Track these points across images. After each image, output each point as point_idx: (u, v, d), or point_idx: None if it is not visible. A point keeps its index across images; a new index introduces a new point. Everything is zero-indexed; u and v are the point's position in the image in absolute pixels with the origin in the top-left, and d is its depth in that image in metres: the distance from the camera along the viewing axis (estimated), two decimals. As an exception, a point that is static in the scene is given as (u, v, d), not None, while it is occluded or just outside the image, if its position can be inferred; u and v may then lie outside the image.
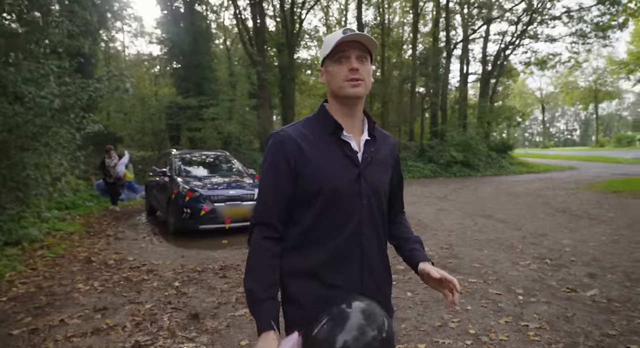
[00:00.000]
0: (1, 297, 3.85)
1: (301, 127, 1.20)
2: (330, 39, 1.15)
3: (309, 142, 1.15)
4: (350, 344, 0.92)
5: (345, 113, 1.19)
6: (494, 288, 3.78)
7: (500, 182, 14.98)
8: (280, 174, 1.14)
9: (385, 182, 1.25)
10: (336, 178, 1.13)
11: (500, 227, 6.62)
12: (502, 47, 22.72)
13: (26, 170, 5.55)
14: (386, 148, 1.27)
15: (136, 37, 33.86)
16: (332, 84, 1.17)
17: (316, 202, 1.13)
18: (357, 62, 1.13)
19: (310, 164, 1.13)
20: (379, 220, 1.21)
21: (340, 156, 1.15)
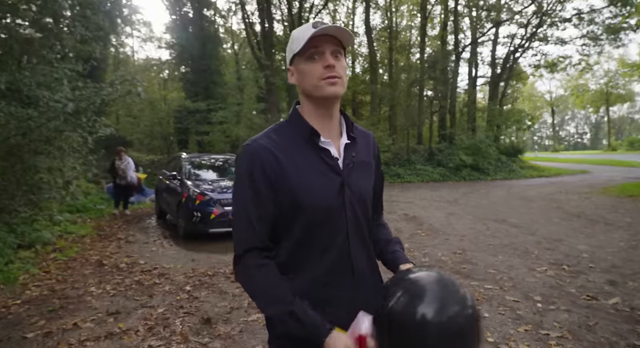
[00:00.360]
0: (15, 299, 3.86)
1: (274, 134, 1.08)
2: (299, 34, 1.03)
3: (285, 153, 1.04)
4: (432, 317, 0.86)
5: (321, 115, 1.08)
6: (510, 295, 3.70)
7: (511, 186, 14.82)
8: (260, 190, 1.02)
9: (370, 187, 1.16)
10: (318, 192, 1.03)
11: (514, 232, 6.52)
12: (512, 49, 22.55)
13: (39, 174, 5.60)
14: (367, 148, 1.18)
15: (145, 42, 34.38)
16: (305, 84, 1.05)
17: (297, 219, 1.03)
18: (332, 58, 1.02)
19: (288, 177, 1.02)
20: (365, 229, 1.13)
21: (320, 165, 1.05)
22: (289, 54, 1.07)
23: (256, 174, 1.01)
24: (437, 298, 0.88)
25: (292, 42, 1.06)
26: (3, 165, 5.41)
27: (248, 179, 1.02)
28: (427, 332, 0.85)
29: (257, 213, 1.02)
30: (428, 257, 5.13)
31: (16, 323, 3.36)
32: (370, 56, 22.44)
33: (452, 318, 0.86)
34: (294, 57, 1.06)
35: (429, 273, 0.96)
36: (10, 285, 4.24)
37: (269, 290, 1.01)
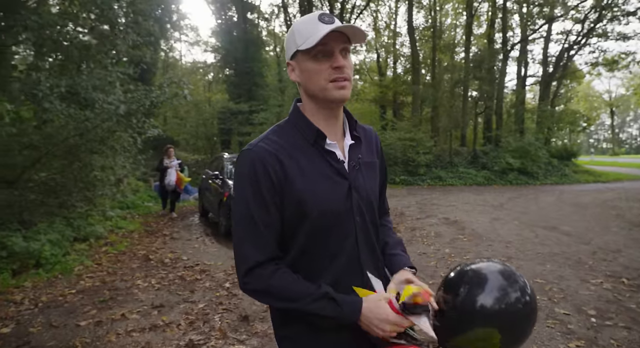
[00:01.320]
0: (71, 289, 4.13)
1: (275, 136, 1.01)
2: (304, 27, 0.94)
3: (289, 156, 0.97)
4: (492, 305, 0.90)
5: (326, 116, 1.02)
6: (560, 308, 3.48)
7: (563, 191, 13.97)
8: (265, 198, 0.95)
9: (376, 188, 1.12)
10: (325, 197, 0.97)
11: (565, 240, 6.13)
12: (566, 47, 21.28)
13: (94, 172, 5.96)
14: (370, 146, 1.13)
15: (192, 46, 35.75)
16: (309, 85, 0.98)
17: (304, 226, 0.97)
18: (341, 57, 0.94)
19: (293, 183, 0.95)
20: (372, 233, 1.08)
21: (326, 169, 0.99)
22: (291, 48, 0.98)
23: (260, 181, 0.95)
24: (497, 287, 0.93)
25: (294, 35, 0.96)
26: (63, 163, 5.82)
27: (251, 187, 0.95)
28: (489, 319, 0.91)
29: (264, 222, 0.96)
30: (470, 264, 4.93)
31: (71, 311, 3.59)
32: (413, 56, 22.03)
33: (511, 305, 0.91)
34: (296, 52, 0.97)
35: (493, 264, 1.00)
36: (67, 275, 4.54)
37: (294, 287, 0.95)
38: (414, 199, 11.65)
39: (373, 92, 26.76)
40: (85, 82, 5.11)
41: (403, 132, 17.63)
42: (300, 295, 0.94)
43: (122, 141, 6.20)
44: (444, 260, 5.13)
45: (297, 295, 0.94)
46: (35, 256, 4.63)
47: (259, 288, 0.97)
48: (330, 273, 1.00)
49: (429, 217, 8.49)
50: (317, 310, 0.93)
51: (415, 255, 5.44)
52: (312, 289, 0.95)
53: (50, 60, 6.42)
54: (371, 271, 1.07)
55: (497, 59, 20.98)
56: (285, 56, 1.04)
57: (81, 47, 5.75)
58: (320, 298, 0.93)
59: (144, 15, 6.54)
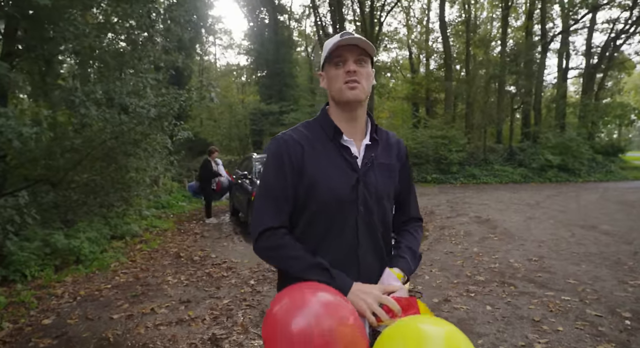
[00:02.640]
0: (107, 284, 4.37)
1: (303, 129, 1.18)
2: (329, 43, 1.13)
3: (310, 146, 1.13)
4: None
5: (346, 117, 1.16)
6: (592, 309, 3.31)
7: (607, 188, 13.19)
8: (287, 174, 1.11)
9: (389, 188, 1.20)
10: (333, 183, 1.10)
11: (605, 240, 5.80)
12: (613, 36, 20.03)
13: (129, 173, 6.27)
14: (392, 152, 1.23)
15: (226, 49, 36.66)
16: (331, 89, 1.15)
17: (311, 207, 1.11)
18: (354, 64, 1.11)
19: (309, 168, 1.11)
20: (378, 227, 1.17)
21: (340, 161, 1.13)
22: (321, 61, 1.18)
23: (284, 160, 1.11)
24: None
25: (324, 50, 1.15)
26: (101, 165, 6.16)
27: (276, 164, 1.12)
28: None
29: (283, 194, 1.11)
30: (498, 263, 4.79)
31: (106, 305, 3.80)
32: (445, 52, 21.50)
33: None
34: (324, 64, 1.16)
35: None
36: (103, 271, 4.81)
37: (297, 248, 1.09)
38: (445, 198, 11.39)
39: (405, 90, 26.37)
40: (119, 87, 5.39)
41: (435, 130, 17.28)
42: (300, 258, 1.07)
43: (155, 144, 6.47)
44: (470, 259, 5.01)
45: (297, 259, 1.07)
46: (75, 253, 4.93)
47: (268, 245, 1.11)
48: (330, 255, 1.11)
49: (460, 215, 8.28)
50: (312, 276, 1.05)
51: (441, 254, 5.34)
52: (312, 258, 1.08)
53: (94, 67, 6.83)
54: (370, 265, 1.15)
55: (536, 52, 20.08)
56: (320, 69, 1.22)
57: (117, 54, 6.07)
58: (316, 266, 1.06)
59: (179, 22, 6.79)
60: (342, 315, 0.88)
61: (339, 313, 0.88)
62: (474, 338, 2.87)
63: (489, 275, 4.36)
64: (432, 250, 5.60)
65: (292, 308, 0.89)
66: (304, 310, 0.87)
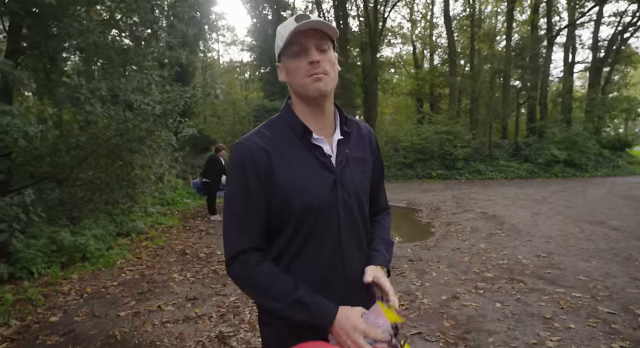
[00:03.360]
0: (113, 281, 4.37)
1: (267, 132, 1.05)
2: (282, 30, 1.00)
3: (277, 150, 1.01)
4: None
5: (313, 112, 1.05)
6: (605, 306, 3.27)
7: (615, 183, 13.07)
8: (252, 191, 0.99)
9: (366, 183, 1.12)
10: (310, 191, 0.99)
11: (614, 236, 5.73)
12: (620, 29, 19.78)
13: (134, 170, 6.26)
14: (362, 142, 1.14)
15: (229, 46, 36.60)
16: (293, 83, 1.02)
17: (289, 218, 1.00)
18: (317, 52, 0.98)
19: (280, 176, 0.99)
20: (360, 227, 1.09)
21: (312, 163, 1.02)
22: (276, 51, 1.04)
23: (248, 174, 0.99)
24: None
25: (277, 39, 1.02)
26: (106, 162, 6.16)
27: (240, 179, 1.00)
28: None
29: (250, 213, 1.00)
30: (506, 259, 4.74)
31: (112, 302, 3.80)
32: (450, 47, 21.33)
33: None
34: (280, 54, 1.03)
35: None
36: (109, 268, 4.81)
37: (273, 285, 0.97)
38: (451, 193, 11.33)
39: (409, 85, 26.21)
40: (124, 84, 5.36)
41: (440, 125, 17.17)
42: (278, 298, 0.96)
43: (160, 141, 6.45)
44: (478, 255, 4.96)
45: (275, 299, 0.96)
46: (81, 250, 4.93)
47: (241, 276, 1.01)
48: (314, 266, 1.02)
49: (466, 211, 8.23)
50: (292, 314, 0.95)
51: (448, 250, 5.29)
52: (290, 292, 0.96)
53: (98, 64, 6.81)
54: (356, 265, 1.07)
55: (542, 46, 19.87)
56: (276, 60, 1.09)
57: (121, 51, 6.04)
58: (295, 303, 0.95)
59: (183, 19, 6.75)
60: None
61: None
62: (485, 336, 2.83)
63: (498, 271, 4.32)
64: (439, 246, 5.55)
65: None
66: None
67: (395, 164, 16.80)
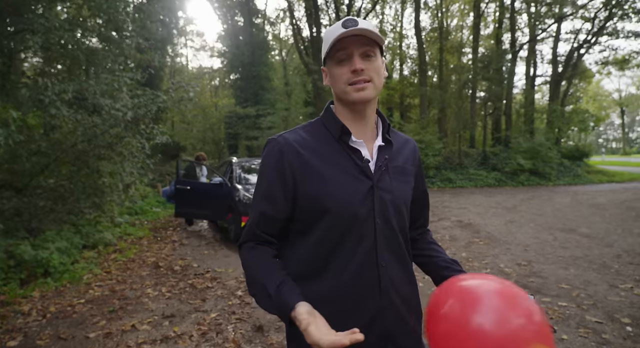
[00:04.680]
0: (80, 299, 4.02)
1: (303, 132, 1.03)
2: (329, 35, 0.97)
3: (312, 151, 0.98)
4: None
5: (354, 117, 1.02)
6: (591, 315, 3.30)
7: (577, 191, 13.69)
8: (274, 189, 0.98)
9: (406, 193, 1.07)
10: (344, 194, 0.95)
11: (586, 243, 5.92)
12: (575, 46, 20.99)
13: (102, 178, 5.88)
14: (406, 153, 1.10)
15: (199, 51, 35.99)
16: (335, 88, 1.00)
17: (319, 223, 0.96)
18: (361, 60, 0.95)
19: (313, 177, 0.96)
20: (400, 239, 1.03)
21: (349, 166, 0.98)
22: (322, 55, 1.03)
23: (274, 170, 0.98)
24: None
25: (324, 42, 1.00)
26: (71, 169, 5.75)
27: (266, 174, 1.01)
28: None
29: (267, 209, 1.00)
30: (489, 268, 4.76)
31: (80, 322, 3.48)
32: (420, 58, 21.86)
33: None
34: (325, 58, 1.01)
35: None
36: (75, 284, 4.44)
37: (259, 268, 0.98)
38: (425, 202, 11.44)
39: (380, 95, 26.61)
40: (92, 87, 5.03)
41: (411, 134, 17.45)
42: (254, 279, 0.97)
43: (131, 147, 6.11)
44: (461, 264, 4.96)
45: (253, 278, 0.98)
46: (43, 265, 4.53)
47: (241, 260, 1.04)
48: (345, 275, 0.96)
49: (442, 219, 8.31)
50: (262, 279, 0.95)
51: (431, 260, 5.27)
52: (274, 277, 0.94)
53: (59, 66, 6.38)
54: (393, 280, 0.99)
55: (506, 59, 20.74)
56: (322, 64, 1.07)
57: (88, 52, 5.69)
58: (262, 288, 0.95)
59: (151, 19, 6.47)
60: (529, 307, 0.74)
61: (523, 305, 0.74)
62: (481, 349, 2.77)
63: (482, 280, 4.31)
64: (421, 255, 5.52)
65: (466, 306, 0.74)
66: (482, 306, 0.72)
67: (368, 172, 16.89)
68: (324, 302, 0.94)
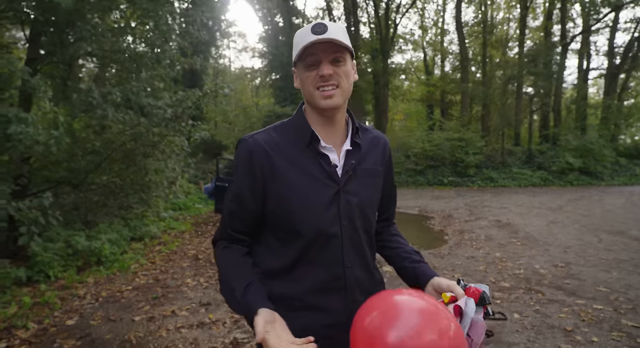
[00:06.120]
0: (127, 285, 4.38)
1: (274, 132, 1.04)
2: (300, 39, 0.98)
3: (281, 153, 1.00)
4: None
5: (322, 121, 1.03)
6: (628, 319, 3.17)
7: (633, 192, 12.80)
8: (245, 189, 1.01)
9: (373, 197, 1.09)
10: (311, 198, 0.98)
11: (635, 246, 5.59)
12: (636, 36, 19.52)
13: (148, 175, 6.31)
14: (375, 154, 1.10)
15: (241, 52, 37.02)
16: (304, 91, 1.02)
17: (288, 225, 0.99)
18: (330, 65, 0.96)
19: (281, 180, 0.98)
20: (363, 241, 1.06)
21: (317, 171, 1.00)
22: (293, 57, 1.03)
23: (244, 170, 1.01)
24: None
25: (294, 46, 1.02)
26: (121, 167, 6.22)
27: (237, 174, 1.03)
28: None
29: (237, 208, 1.03)
30: (523, 268, 4.65)
31: (127, 306, 3.81)
32: (461, 53, 21.26)
33: None
34: (295, 62, 1.02)
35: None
36: (124, 273, 4.83)
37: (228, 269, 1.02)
38: (463, 201, 11.20)
39: (420, 92, 26.15)
40: (136, 87, 5.41)
41: (451, 132, 17.07)
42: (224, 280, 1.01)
43: (173, 145, 6.51)
44: (494, 264, 4.88)
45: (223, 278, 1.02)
46: (96, 254, 4.97)
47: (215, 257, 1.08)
48: (312, 274, 1.01)
49: (479, 219, 8.12)
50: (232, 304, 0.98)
51: (463, 258, 5.22)
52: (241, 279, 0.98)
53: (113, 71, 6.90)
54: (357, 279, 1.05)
55: (555, 53, 19.69)
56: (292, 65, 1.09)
57: (136, 56, 6.13)
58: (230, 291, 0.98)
59: (197, 24, 6.82)
60: (443, 326, 0.78)
61: (440, 324, 0.78)
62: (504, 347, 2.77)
63: (514, 281, 4.23)
64: (453, 254, 5.48)
65: (385, 320, 0.79)
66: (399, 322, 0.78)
67: (407, 171, 16.72)
68: (290, 300, 1.00)
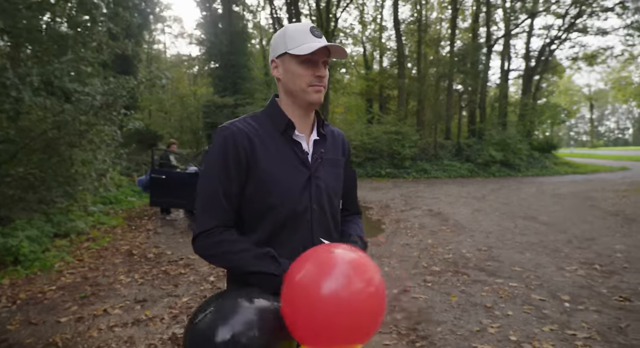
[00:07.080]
0: (51, 286, 4.06)
1: (251, 120, 1.11)
2: (298, 35, 1.05)
3: (260, 139, 1.07)
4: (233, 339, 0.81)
5: (299, 113, 1.12)
6: (537, 294, 3.58)
7: (543, 182, 14.29)
8: (231, 171, 1.03)
9: (337, 183, 1.19)
10: (287, 182, 1.07)
11: (544, 230, 6.29)
12: (547, 41, 21.63)
13: (74, 166, 5.84)
14: (336, 146, 1.22)
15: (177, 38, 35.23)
16: (291, 85, 1.08)
17: (264, 207, 1.06)
18: (324, 68, 1.08)
19: (260, 164, 1.05)
20: (331, 224, 1.16)
21: (291, 157, 1.09)
22: (279, 48, 1.07)
23: (229, 155, 1.03)
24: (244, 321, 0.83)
25: (285, 38, 1.06)
26: (41, 157, 5.68)
27: (219, 161, 1.04)
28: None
29: (226, 193, 1.04)
30: (452, 253, 5.04)
31: (51, 308, 3.54)
32: (398, 50, 22.08)
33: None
34: (284, 54, 1.06)
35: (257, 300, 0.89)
36: (46, 272, 4.46)
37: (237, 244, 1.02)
38: (399, 192, 11.76)
39: (359, 86, 26.77)
40: (58, 70, 4.95)
41: (389, 126, 17.76)
42: (245, 251, 1.01)
43: (103, 135, 6.07)
44: (426, 250, 5.22)
45: (242, 252, 1.01)
46: (13, 253, 4.53)
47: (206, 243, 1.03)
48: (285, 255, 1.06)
49: (414, 209, 8.60)
50: (262, 267, 0.99)
51: (398, 246, 5.51)
52: (256, 248, 1.02)
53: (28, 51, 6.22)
54: None
55: (481, 53, 21.21)
56: (271, 53, 1.12)
57: (58, 37, 5.59)
58: (263, 256, 1.01)
59: (125, 6, 6.37)
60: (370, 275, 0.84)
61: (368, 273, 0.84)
62: (433, 326, 3.00)
63: (444, 265, 4.58)
64: (390, 242, 5.76)
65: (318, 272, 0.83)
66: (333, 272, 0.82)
67: (346, 163, 17.11)
68: None
